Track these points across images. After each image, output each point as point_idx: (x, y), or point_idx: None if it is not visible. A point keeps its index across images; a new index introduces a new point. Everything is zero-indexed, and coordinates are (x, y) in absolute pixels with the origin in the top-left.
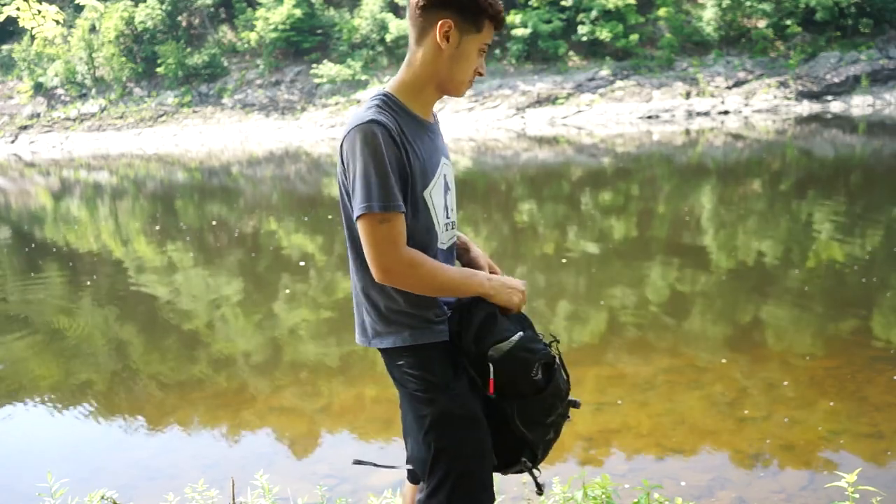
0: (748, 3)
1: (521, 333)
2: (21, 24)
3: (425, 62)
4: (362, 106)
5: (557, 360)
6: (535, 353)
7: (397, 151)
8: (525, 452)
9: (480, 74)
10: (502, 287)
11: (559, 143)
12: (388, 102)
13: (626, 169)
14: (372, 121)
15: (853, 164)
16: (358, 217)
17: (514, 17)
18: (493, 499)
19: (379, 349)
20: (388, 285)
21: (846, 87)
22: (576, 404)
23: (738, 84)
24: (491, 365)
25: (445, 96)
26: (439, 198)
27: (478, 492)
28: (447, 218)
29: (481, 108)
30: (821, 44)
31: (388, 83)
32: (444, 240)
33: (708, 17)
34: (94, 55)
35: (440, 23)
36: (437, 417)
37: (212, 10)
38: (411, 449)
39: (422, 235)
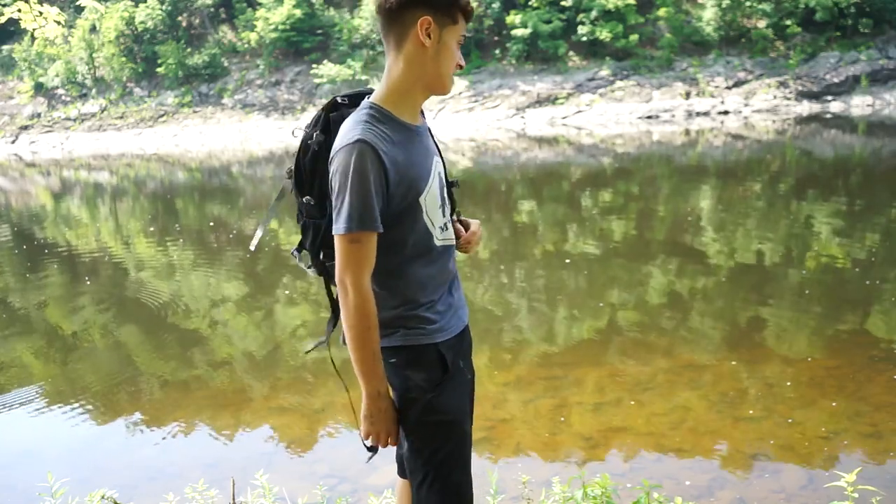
0: (748, 3)
1: None
2: (23, 26)
3: (410, 64)
4: (350, 120)
5: None
6: None
7: (382, 170)
8: None
9: (461, 67)
10: (371, 419)
11: (559, 144)
12: (375, 116)
13: (626, 169)
14: (358, 140)
15: (853, 165)
16: (335, 233)
17: (514, 17)
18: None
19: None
20: (379, 288)
21: (846, 88)
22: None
23: (738, 84)
24: None
25: (444, 96)
26: (435, 199)
27: (458, 495)
28: (443, 217)
29: (481, 108)
30: (821, 44)
31: (373, 94)
32: (440, 239)
33: (708, 17)
34: (94, 55)
35: (420, 20)
36: (415, 422)
37: (212, 10)
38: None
39: (419, 239)
